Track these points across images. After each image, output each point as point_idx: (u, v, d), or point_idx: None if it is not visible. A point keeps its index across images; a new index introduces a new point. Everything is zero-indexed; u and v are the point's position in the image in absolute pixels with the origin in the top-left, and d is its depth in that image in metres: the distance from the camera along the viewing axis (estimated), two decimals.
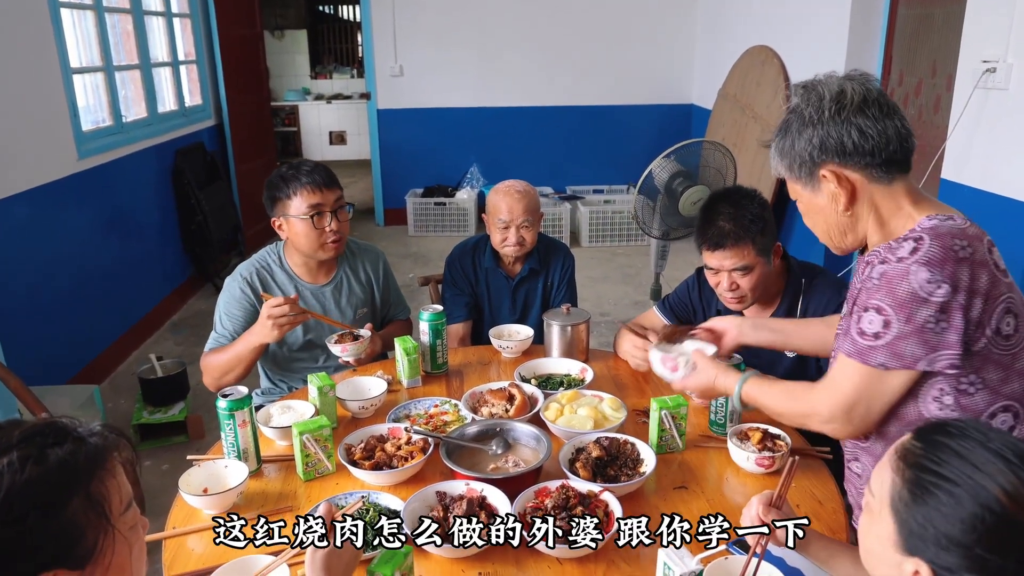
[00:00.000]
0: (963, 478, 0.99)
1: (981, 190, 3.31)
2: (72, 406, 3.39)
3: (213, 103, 6.89)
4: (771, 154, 1.69)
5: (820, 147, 1.56)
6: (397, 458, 1.90)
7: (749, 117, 6.08)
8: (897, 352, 1.47)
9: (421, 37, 7.69)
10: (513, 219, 2.85)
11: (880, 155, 1.54)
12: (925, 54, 4.33)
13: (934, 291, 1.43)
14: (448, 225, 7.78)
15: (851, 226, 1.63)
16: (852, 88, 1.54)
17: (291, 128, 12.14)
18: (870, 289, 1.51)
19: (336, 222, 2.59)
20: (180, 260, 6.10)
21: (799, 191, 1.66)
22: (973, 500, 0.97)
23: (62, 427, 1.04)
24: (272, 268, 2.67)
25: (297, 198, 2.55)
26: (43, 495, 0.97)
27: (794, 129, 1.59)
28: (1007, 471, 0.98)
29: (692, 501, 1.82)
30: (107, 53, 5.07)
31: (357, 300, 2.76)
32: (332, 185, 2.61)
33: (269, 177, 2.65)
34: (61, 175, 4.31)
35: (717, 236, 2.29)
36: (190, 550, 1.67)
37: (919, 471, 1.04)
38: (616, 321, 5.34)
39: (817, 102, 1.56)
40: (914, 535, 1.02)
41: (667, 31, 7.85)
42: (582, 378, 2.41)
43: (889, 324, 1.47)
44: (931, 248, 1.45)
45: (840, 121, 1.54)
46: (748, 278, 2.32)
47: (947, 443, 1.04)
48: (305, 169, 2.59)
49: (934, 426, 1.09)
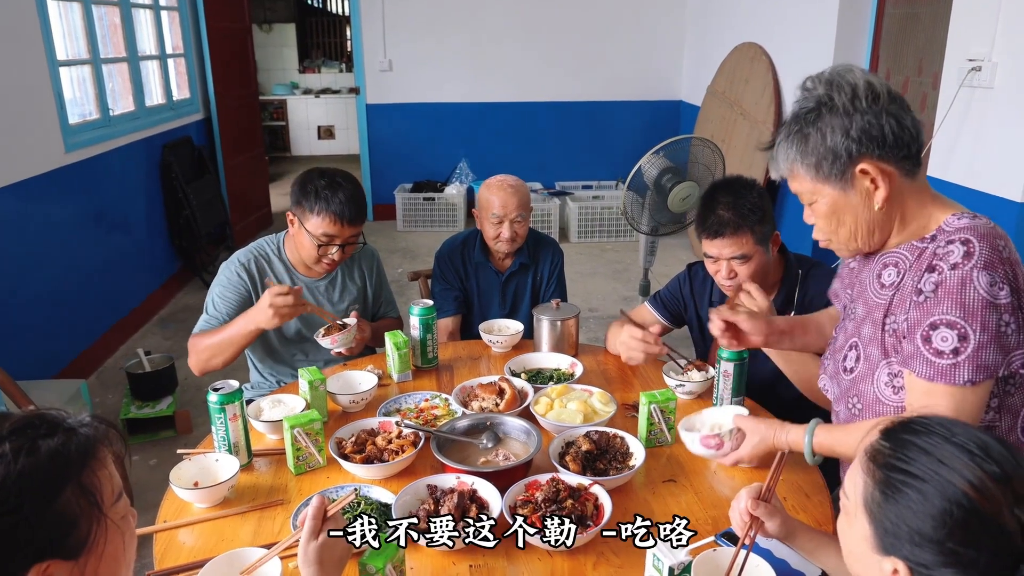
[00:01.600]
0: (930, 474, 1.00)
1: (967, 187, 3.34)
2: (59, 401, 3.38)
3: (201, 97, 6.86)
4: (780, 155, 1.58)
5: (859, 139, 1.47)
6: (388, 452, 1.91)
7: (738, 114, 6.10)
8: (981, 364, 1.41)
9: (410, 32, 7.68)
10: (507, 214, 2.85)
11: (912, 148, 1.49)
12: (911, 52, 4.36)
13: (998, 294, 1.40)
14: (437, 220, 7.77)
15: (882, 224, 1.56)
16: (878, 82, 1.49)
17: (279, 122, 12.09)
18: (926, 303, 1.45)
19: (340, 253, 2.57)
20: (168, 254, 6.08)
21: (823, 191, 1.56)
22: (941, 495, 0.98)
23: (52, 418, 1.04)
24: (270, 258, 2.67)
25: (318, 218, 2.50)
26: (36, 486, 0.97)
27: (823, 121, 1.49)
28: (972, 464, 0.99)
29: (681, 494, 1.83)
30: (94, 46, 5.04)
31: (350, 297, 2.76)
32: (356, 223, 2.55)
33: (308, 173, 2.57)
34: (48, 168, 4.29)
35: (717, 224, 2.30)
36: (181, 543, 1.67)
37: (888, 470, 1.04)
38: (605, 317, 5.36)
39: (851, 91, 1.48)
40: (889, 534, 1.02)
41: (656, 28, 7.86)
42: (572, 372, 2.42)
43: (966, 337, 1.40)
44: (983, 250, 1.41)
45: (879, 111, 1.46)
46: (746, 267, 2.33)
47: (913, 441, 1.04)
48: (340, 197, 2.49)
49: (900, 425, 1.09)
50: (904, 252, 1.57)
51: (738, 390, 2.16)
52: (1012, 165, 3.09)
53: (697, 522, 1.71)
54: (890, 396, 1.58)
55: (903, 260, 1.57)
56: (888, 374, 1.58)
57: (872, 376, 1.61)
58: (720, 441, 1.74)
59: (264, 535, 1.68)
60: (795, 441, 1.65)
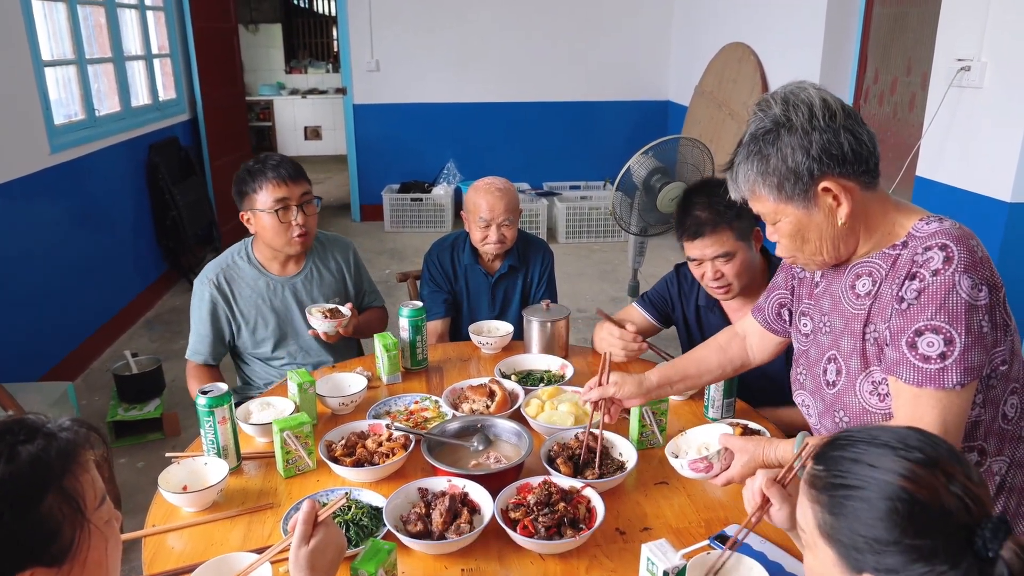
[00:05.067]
0: (866, 480, 1.02)
1: (956, 187, 3.36)
2: (45, 403, 3.35)
3: (187, 97, 6.82)
4: (740, 176, 1.57)
5: (819, 157, 1.47)
6: (378, 455, 1.90)
7: (726, 114, 6.11)
8: (968, 366, 1.43)
9: (397, 32, 7.65)
10: (494, 217, 2.84)
11: (870, 162, 1.50)
12: (900, 52, 4.38)
13: (978, 296, 1.42)
14: (424, 221, 7.75)
15: (846, 237, 1.57)
16: (830, 97, 1.49)
17: (266, 123, 12.04)
18: (910, 310, 1.46)
19: (302, 216, 2.57)
20: (154, 256, 6.04)
21: (787, 210, 1.55)
22: (881, 496, 1.00)
23: (31, 423, 1.03)
24: (238, 265, 2.66)
25: (263, 192, 2.54)
26: (17, 493, 0.96)
27: (783, 141, 1.49)
28: (898, 459, 1.01)
29: (673, 497, 1.82)
30: (79, 46, 5.00)
31: (328, 290, 2.75)
32: (299, 178, 2.59)
33: (237, 172, 2.63)
34: (33, 169, 4.25)
35: (695, 226, 2.31)
36: (170, 548, 1.66)
37: (830, 491, 1.06)
38: (595, 314, 5.36)
39: (807, 110, 1.47)
40: (851, 550, 1.03)
41: (644, 27, 7.87)
42: (562, 374, 2.41)
43: (952, 341, 1.42)
44: (962, 254, 1.43)
45: (836, 128, 1.47)
46: (731, 265, 2.33)
47: (842, 455, 1.07)
48: (271, 163, 2.57)
49: (827, 445, 1.11)
50: (877, 261, 1.58)
51: (729, 392, 2.15)
52: (1001, 165, 3.10)
53: (690, 525, 1.71)
54: (876, 404, 1.58)
55: (877, 269, 1.58)
56: (871, 383, 1.59)
57: (854, 387, 1.62)
58: (709, 464, 1.72)
59: (254, 539, 1.67)
60: (783, 456, 1.64)
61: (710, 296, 2.49)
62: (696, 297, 2.58)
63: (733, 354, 2.03)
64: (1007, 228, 3.08)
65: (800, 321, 1.82)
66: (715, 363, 2.03)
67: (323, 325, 2.50)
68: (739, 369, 2.05)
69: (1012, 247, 3.09)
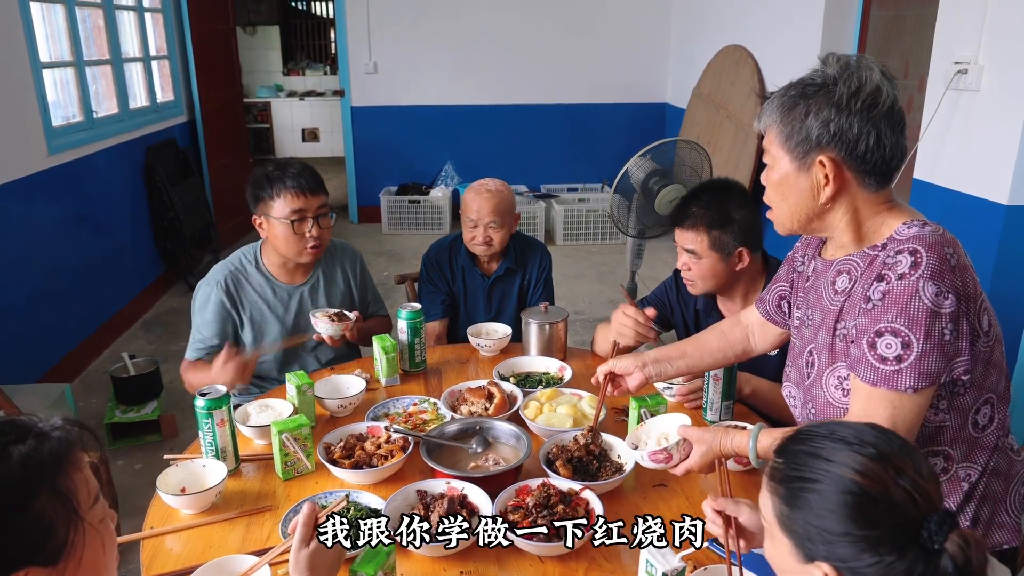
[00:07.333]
0: (821, 474, 1.07)
1: (953, 190, 3.36)
2: (43, 404, 3.35)
3: (185, 99, 6.82)
4: (767, 111, 1.58)
5: (834, 134, 1.47)
6: (377, 457, 1.90)
7: (723, 116, 6.12)
8: (923, 371, 1.44)
9: (395, 34, 7.65)
10: (480, 218, 2.84)
11: (882, 167, 1.50)
12: (897, 55, 4.38)
13: (943, 303, 1.42)
14: (422, 223, 7.75)
15: (820, 217, 1.58)
16: (887, 91, 1.48)
17: (264, 125, 12.02)
18: (874, 311, 1.48)
19: (317, 228, 2.55)
20: (152, 257, 6.03)
21: (782, 162, 1.57)
22: (834, 489, 1.04)
23: (22, 424, 1.03)
24: (247, 270, 2.64)
25: (280, 200, 2.51)
26: (9, 492, 0.96)
27: (816, 100, 1.49)
28: (852, 453, 1.06)
29: (672, 499, 1.83)
30: (77, 47, 5.00)
31: (334, 300, 2.74)
32: (318, 191, 2.56)
33: (254, 173, 2.60)
34: (31, 171, 4.25)
35: (682, 215, 2.39)
36: (168, 550, 1.66)
37: (787, 483, 1.11)
38: (592, 320, 5.36)
39: (855, 87, 1.46)
40: (805, 540, 1.08)
41: (641, 30, 7.87)
42: (561, 376, 2.42)
43: (909, 345, 1.43)
44: (930, 260, 1.43)
45: (866, 119, 1.46)
46: (697, 265, 2.39)
47: (801, 449, 1.11)
48: (291, 171, 2.53)
49: (788, 439, 1.15)
50: (856, 259, 1.59)
51: (727, 394, 2.16)
52: (998, 168, 3.10)
53: None
54: (839, 399, 1.61)
55: (855, 267, 1.59)
56: (837, 377, 1.61)
57: (822, 380, 1.65)
58: (668, 455, 1.73)
59: (252, 541, 1.67)
60: (740, 446, 1.67)
61: (708, 300, 2.51)
62: (695, 301, 2.59)
63: (734, 339, 2.04)
64: (1004, 231, 3.08)
65: (794, 314, 1.85)
66: (715, 346, 2.04)
67: (330, 329, 2.48)
68: (740, 356, 2.05)
69: (1009, 250, 3.09)
